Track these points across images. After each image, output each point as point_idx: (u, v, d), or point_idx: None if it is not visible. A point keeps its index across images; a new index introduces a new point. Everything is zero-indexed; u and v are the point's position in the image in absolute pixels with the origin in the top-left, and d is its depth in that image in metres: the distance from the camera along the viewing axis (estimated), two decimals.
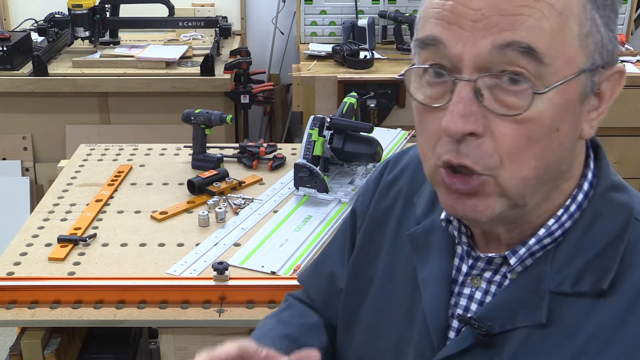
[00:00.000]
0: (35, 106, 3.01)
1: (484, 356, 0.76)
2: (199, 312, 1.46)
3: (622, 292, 0.71)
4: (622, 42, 3.27)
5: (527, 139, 0.66)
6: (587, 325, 0.71)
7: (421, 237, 0.86)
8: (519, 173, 0.68)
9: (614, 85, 0.71)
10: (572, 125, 0.69)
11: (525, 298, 0.74)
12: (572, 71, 0.66)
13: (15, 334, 1.52)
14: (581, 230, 0.73)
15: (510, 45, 0.64)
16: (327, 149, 1.91)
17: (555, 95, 0.65)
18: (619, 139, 3.08)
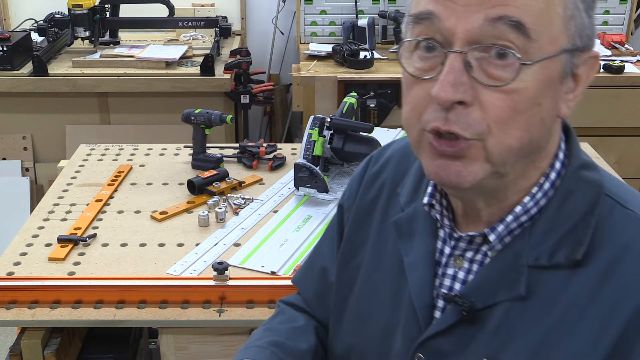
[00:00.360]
0: (35, 106, 3.01)
1: (468, 331, 0.80)
2: (199, 312, 1.46)
3: (595, 264, 0.75)
4: (622, 42, 3.27)
5: (513, 109, 0.70)
6: (564, 296, 0.75)
7: (405, 224, 0.89)
8: (505, 141, 0.72)
9: (589, 69, 0.76)
10: (552, 102, 0.74)
11: (505, 274, 0.78)
12: (555, 49, 0.71)
13: (15, 334, 1.52)
14: (555, 207, 0.78)
15: (501, 18, 0.68)
16: (327, 149, 1.91)
17: (539, 71, 0.70)
18: (619, 139, 3.08)
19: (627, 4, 3.39)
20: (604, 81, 3.00)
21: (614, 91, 3.01)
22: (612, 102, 3.01)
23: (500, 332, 0.78)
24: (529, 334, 0.77)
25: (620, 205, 0.78)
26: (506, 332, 0.78)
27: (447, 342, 0.82)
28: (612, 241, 0.76)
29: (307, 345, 1.02)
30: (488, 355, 0.78)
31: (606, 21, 3.43)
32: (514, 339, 0.77)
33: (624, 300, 0.73)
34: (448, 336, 0.81)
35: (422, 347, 0.84)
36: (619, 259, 0.75)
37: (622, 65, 2.99)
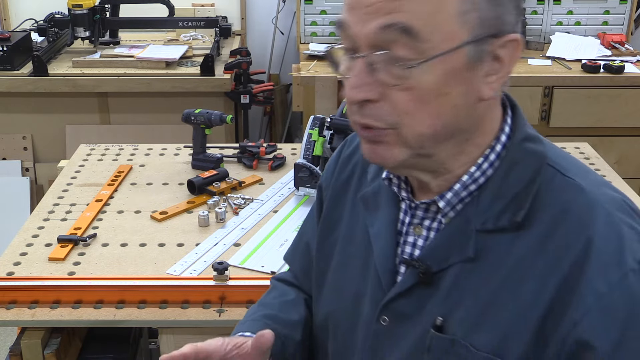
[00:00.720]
0: (35, 106, 3.01)
1: (425, 293, 0.87)
2: (199, 312, 1.46)
3: (536, 226, 0.82)
4: (622, 42, 3.27)
5: (418, 102, 0.78)
6: (509, 257, 0.82)
7: (371, 198, 0.97)
8: (416, 129, 0.79)
9: (512, 51, 0.80)
10: (464, 89, 0.79)
11: (456, 238, 0.85)
12: (452, 44, 0.76)
13: (15, 334, 1.52)
14: (500, 176, 0.84)
15: (392, 25, 0.75)
16: (327, 149, 1.91)
17: (438, 65, 0.76)
18: (619, 139, 3.08)
19: (627, 4, 3.39)
20: (604, 81, 3.00)
21: (614, 91, 3.01)
22: (612, 102, 3.01)
23: (452, 292, 0.85)
24: (478, 293, 0.83)
25: (560, 174, 0.84)
26: (458, 292, 0.84)
27: (407, 304, 0.89)
28: (552, 205, 0.82)
29: (298, 317, 1.09)
30: (442, 314, 0.85)
31: (606, 21, 3.43)
32: (465, 299, 0.84)
33: (561, 259, 0.79)
34: (408, 298, 0.88)
35: (385, 309, 0.90)
36: (558, 221, 0.81)
37: (622, 65, 2.99)
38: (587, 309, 0.77)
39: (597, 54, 3.18)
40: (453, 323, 0.84)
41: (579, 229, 0.80)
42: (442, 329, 0.85)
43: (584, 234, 0.79)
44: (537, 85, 3.00)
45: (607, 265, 0.78)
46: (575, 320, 0.77)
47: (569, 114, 3.03)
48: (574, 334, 0.77)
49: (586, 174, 0.86)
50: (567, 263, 0.79)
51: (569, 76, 3.01)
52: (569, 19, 3.44)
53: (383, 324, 0.91)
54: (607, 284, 0.77)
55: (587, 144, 2.32)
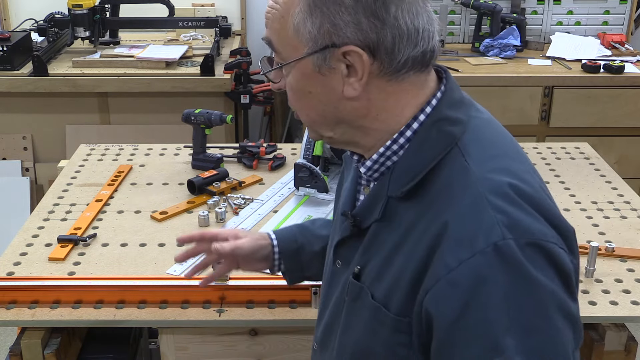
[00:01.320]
0: (35, 106, 3.01)
1: (356, 243, 1.01)
2: (199, 312, 1.46)
3: (424, 199, 0.93)
4: (622, 42, 3.27)
5: (293, 97, 0.98)
6: (403, 222, 0.94)
7: (348, 158, 1.12)
8: (302, 117, 0.99)
9: (357, 60, 0.91)
10: (324, 89, 0.94)
11: (374, 201, 0.99)
12: (297, 55, 0.93)
13: (15, 334, 1.52)
14: (412, 151, 0.95)
15: (264, 39, 0.97)
16: (327, 149, 1.91)
17: (294, 70, 0.95)
18: (619, 139, 3.08)
19: (627, 4, 3.40)
20: (604, 81, 3.00)
21: (614, 91, 3.01)
22: (612, 102, 3.01)
23: (369, 246, 0.99)
24: (382, 250, 0.96)
25: (461, 156, 0.92)
26: (372, 247, 0.98)
27: (345, 251, 1.04)
28: (439, 182, 0.92)
29: (325, 233, 1.29)
30: (361, 264, 0.99)
31: (606, 21, 3.43)
32: (376, 252, 0.97)
33: (431, 227, 0.89)
34: (346, 246, 1.04)
35: (336, 254, 1.06)
36: (437, 197, 0.91)
37: (622, 65, 3.00)
38: (436, 279, 0.85)
39: (597, 54, 3.18)
40: (365, 273, 0.98)
41: (447, 206, 0.89)
42: (358, 276, 0.99)
43: (449, 211, 0.88)
44: (537, 85, 3.00)
45: (461, 243, 0.85)
46: (427, 288, 0.86)
47: (569, 114, 3.03)
48: (425, 302, 0.87)
49: (489, 160, 0.92)
50: (432, 235, 0.88)
51: (569, 76, 3.01)
52: (569, 19, 3.44)
53: (337, 266, 1.06)
54: (457, 260, 0.84)
55: (587, 144, 2.32)
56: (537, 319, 0.82)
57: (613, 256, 1.64)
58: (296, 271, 1.33)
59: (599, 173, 2.10)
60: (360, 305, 0.98)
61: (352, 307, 1.00)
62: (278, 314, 1.46)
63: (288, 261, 1.31)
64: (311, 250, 1.30)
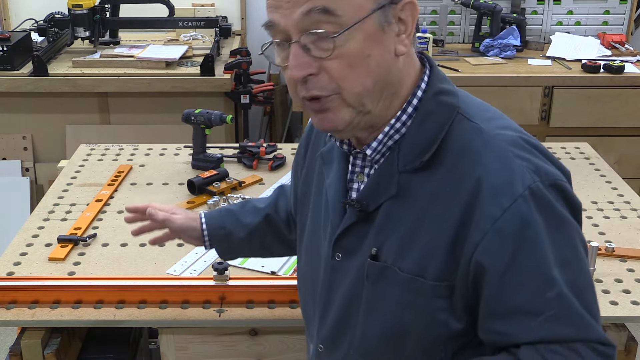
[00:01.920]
0: (35, 106, 3.01)
1: (364, 229, 1.02)
2: (199, 312, 1.46)
3: (444, 164, 0.96)
4: (622, 42, 3.27)
5: (348, 67, 0.93)
6: (423, 192, 0.97)
7: (326, 155, 1.12)
8: (354, 89, 0.94)
9: (410, 12, 0.96)
10: (382, 48, 0.94)
11: (384, 180, 1.00)
12: (363, 14, 0.91)
13: (15, 334, 1.52)
14: (416, 125, 0.99)
15: (311, 10, 0.91)
16: None
17: (356, 33, 0.91)
18: (619, 139, 3.08)
19: (627, 4, 3.40)
20: (604, 81, 3.00)
21: (614, 91, 3.01)
22: (612, 102, 3.01)
23: (384, 226, 1.00)
24: (402, 225, 0.98)
25: (467, 120, 0.98)
26: (387, 225, 1.00)
27: (350, 240, 1.04)
28: (455, 146, 0.96)
29: (249, 221, 1.35)
30: (376, 246, 1.01)
31: (606, 21, 3.43)
32: (393, 229, 0.99)
33: (462, 187, 0.93)
34: (351, 235, 1.04)
35: (336, 246, 1.06)
36: (458, 159, 0.95)
37: (622, 65, 2.99)
38: (484, 232, 0.91)
39: (597, 54, 3.18)
40: (385, 252, 1.00)
41: (475, 164, 0.94)
42: (376, 257, 1.01)
43: (479, 167, 0.93)
44: (537, 85, 3.00)
45: (499, 192, 0.91)
46: (476, 242, 0.91)
47: (569, 114, 3.03)
48: (475, 255, 0.91)
49: (491, 120, 1.00)
50: (466, 193, 0.93)
51: (569, 76, 3.01)
52: (569, 19, 3.44)
53: (337, 259, 1.06)
54: (500, 208, 0.90)
55: (587, 144, 2.32)
56: (569, 251, 0.92)
57: (613, 256, 1.64)
58: (226, 253, 1.39)
59: (599, 173, 2.10)
60: (385, 285, 1.00)
61: (374, 290, 1.01)
62: (278, 314, 1.46)
63: (217, 244, 1.36)
64: (238, 237, 1.35)
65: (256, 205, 1.39)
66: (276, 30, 0.96)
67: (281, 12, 0.93)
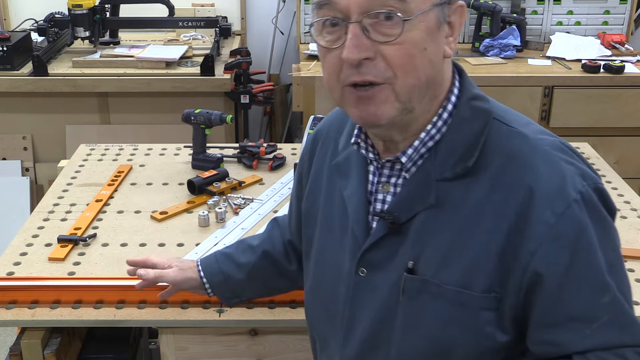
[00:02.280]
0: (35, 106, 3.01)
1: (396, 241, 0.98)
2: (199, 312, 1.46)
3: (488, 171, 0.93)
4: (622, 42, 3.27)
5: (408, 56, 0.89)
6: (466, 200, 0.93)
7: (342, 165, 1.07)
8: (408, 81, 0.90)
9: (459, 16, 0.95)
10: (435, 46, 0.92)
11: (419, 189, 0.97)
12: (427, 5, 0.90)
13: (15, 334, 1.52)
14: (453, 132, 0.96)
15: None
16: None
17: (419, 23, 0.89)
18: (619, 139, 3.08)
19: (627, 4, 3.39)
20: (604, 81, 3.00)
21: (614, 91, 3.01)
22: (612, 102, 3.01)
23: (420, 237, 0.96)
24: (441, 236, 0.94)
25: (505, 125, 0.96)
26: (424, 237, 0.96)
27: (380, 253, 0.99)
28: (499, 152, 0.94)
29: (246, 260, 1.32)
30: (412, 259, 0.96)
31: (606, 21, 3.43)
32: (431, 241, 0.95)
33: (513, 196, 0.91)
34: (380, 248, 0.99)
35: (362, 261, 1.01)
36: (505, 165, 0.93)
37: (622, 65, 2.99)
38: (540, 240, 0.88)
39: (597, 54, 3.18)
40: (423, 264, 0.95)
41: (524, 169, 0.91)
42: (413, 271, 0.96)
43: (528, 173, 0.91)
44: (537, 85, 3.00)
45: (553, 198, 0.89)
46: (532, 251, 0.89)
47: (569, 114, 3.03)
48: (532, 264, 0.89)
49: (528, 124, 0.98)
50: (517, 201, 0.90)
51: (569, 76, 3.01)
52: (569, 19, 3.44)
53: (362, 275, 1.01)
54: (554, 214, 0.88)
55: (587, 144, 2.32)
56: (614, 254, 0.92)
57: None
58: (229, 297, 1.37)
59: (599, 173, 2.10)
60: (426, 299, 0.95)
61: (412, 305, 0.97)
62: (278, 314, 1.46)
63: (218, 291, 1.35)
64: (238, 280, 1.33)
65: (251, 243, 1.36)
66: (332, 9, 0.91)
67: None
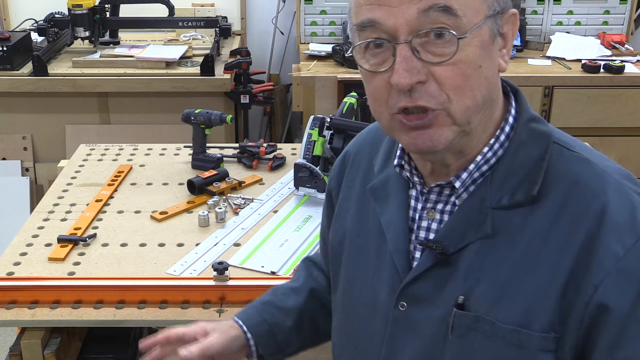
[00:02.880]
0: (35, 106, 3.01)
1: (444, 273, 0.90)
2: (199, 312, 1.46)
3: (550, 200, 0.86)
4: (622, 42, 3.27)
5: (462, 76, 0.83)
6: (525, 231, 0.86)
7: (380, 188, 1.00)
8: (464, 103, 0.84)
9: (512, 25, 0.89)
10: (490, 61, 0.86)
11: (472, 217, 0.89)
12: (480, 19, 0.83)
13: (15, 334, 1.52)
14: (511, 155, 0.89)
15: (431, 7, 0.81)
16: (327, 149, 1.91)
17: (473, 39, 0.83)
18: (619, 139, 3.08)
19: (627, 4, 3.39)
20: (604, 81, 3.00)
21: (614, 91, 3.01)
22: (612, 102, 3.01)
23: (472, 270, 0.88)
24: (498, 269, 0.86)
25: (566, 149, 0.90)
26: (477, 269, 0.87)
27: (425, 286, 0.91)
28: (563, 178, 0.87)
29: (292, 303, 1.17)
30: (463, 293, 0.88)
31: (606, 21, 3.43)
32: (485, 275, 0.87)
33: (577, 228, 0.84)
34: (425, 280, 0.91)
35: (403, 294, 0.93)
36: (570, 192, 0.86)
37: (622, 65, 2.99)
38: (606, 272, 0.81)
39: (597, 54, 3.18)
40: (475, 300, 0.87)
41: (592, 198, 0.84)
42: (464, 307, 0.87)
43: (597, 202, 0.84)
44: (537, 85, 3.00)
45: (622, 230, 0.82)
46: (596, 284, 0.81)
47: (569, 114, 3.03)
48: (595, 297, 0.81)
49: (590, 150, 0.92)
50: (583, 231, 0.83)
51: (569, 76, 3.01)
52: (569, 19, 3.44)
53: (401, 309, 0.93)
54: (623, 247, 0.81)
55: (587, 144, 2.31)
56: None
57: None
58: (275, 353, 1.16)
59: None
60: (478, 338, 0.87)
61: (462, 344, 0.88)
62: None
63: (264, 345, 1.14)
64: (285, 327, 1.16)
65: (292, 286, 1.21)
66: (376, 30, 0.84)
67: (387, 10, 0.82)
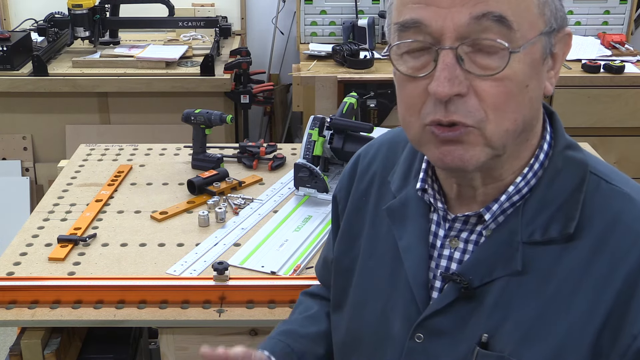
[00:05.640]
0: (35, 106, 3.01)
1: (467, 309, 0.83)
2: (199, 312, 1.46)
3: (586, 237, 0.79)
4: (622, 42, 3.27)
5: (506, 94, 0.75)
6: (558, 269, 0.80)
7: (398, 210, 0.93)
8: (503, 125, 0.76)
9: (564, 46, 0.82)
10: (538, 82, 0.79)
11: (501, 251, 0.82)
12: (534, 34, 0.76)
13: (15, 334, 1.52)
14: (545, 186, 0.82)
15: (485, 15, 0.74)
16: (327, 149, 1.91)
17: (524, 56, 0.75)
18: (619, 139, 3.08)
19: (627, 4, 3.39)
20: (604, 81, 3.00)
21: (614, 91, 3.01)
22: (612, 102, 3.01)
23: (498, 307, 0.81)
24: (526, 307, 0.80)
25: (605, 181, 0.83)
26: (504, 307, 0.81)
27: (445, 320, 0.85)
28: (601, 215, 0.80)
29: (316, 329, 1.08)
30: (487, 331, 0.82)
31: (606, 21, 3.43)
32: (512, 313, 0.81)
33: (615, 271, 0.77)
34: (447, 314, 0.85)
35: (421, 326, 0.87)
36: (609, 232, 0.79)
37: (622, 65, 2.99)
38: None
39: (597, 54, 3.18)
40: (500, 339, 0.81)
41: (634, 240, 0.78)
42: (487, 345, 0.82)
43: (638, 244, 0.78)
44: None
45: None
46: (635, 333, 0.76)
47: (569, 114, 3.03)
48: (635, 345, 0.76)
49: (627, 181, 0.85)
50: (622, 274, 0.77)
51: (569, 76, 3.01)
52: (569, 19, 3.43)
53: (418, 341, 0.87)
54: None
55: (587, 144, 2.32)
56: None
57: None
58: None
59: None
60: None
61: None
62: (278, 314, 1.46)
63: None
64: (314, 356, 1.07)
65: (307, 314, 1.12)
66: (420, 32, 0.77)
67: (435, 11, 0.75)
